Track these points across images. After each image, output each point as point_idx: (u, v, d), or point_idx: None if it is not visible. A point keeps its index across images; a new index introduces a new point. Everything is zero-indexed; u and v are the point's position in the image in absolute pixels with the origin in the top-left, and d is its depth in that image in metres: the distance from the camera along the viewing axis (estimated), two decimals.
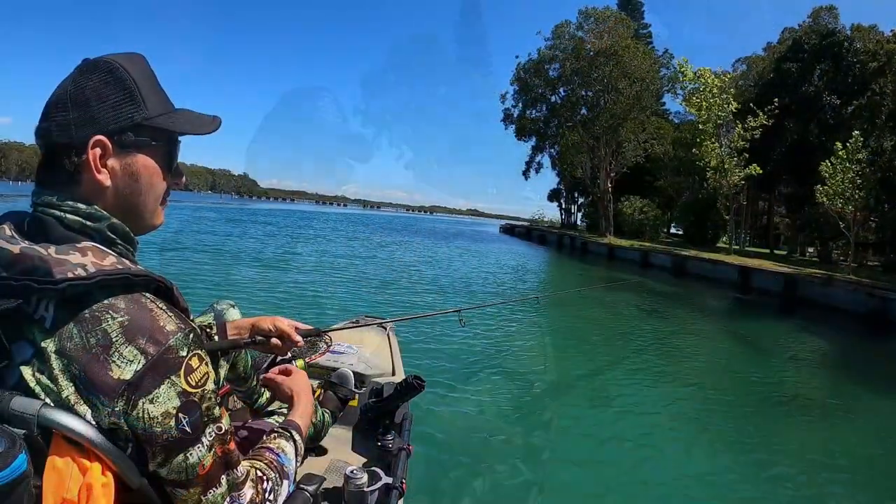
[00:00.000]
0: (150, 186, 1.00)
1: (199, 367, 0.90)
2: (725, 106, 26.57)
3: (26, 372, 0.83)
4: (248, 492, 1.01)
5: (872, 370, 9.48)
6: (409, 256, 21.94)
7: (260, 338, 1.49)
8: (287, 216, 56.77)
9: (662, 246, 31.62)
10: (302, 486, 1.42)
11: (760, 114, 25.95)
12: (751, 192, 34.93)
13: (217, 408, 0.95)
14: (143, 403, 0.83)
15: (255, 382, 1.83)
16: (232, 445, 0.96)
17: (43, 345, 0.83)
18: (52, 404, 0.81)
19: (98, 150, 0.92)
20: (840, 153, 20.71)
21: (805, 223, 30.30)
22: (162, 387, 0.85)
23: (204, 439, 0.90)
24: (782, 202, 41.19)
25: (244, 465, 1.02)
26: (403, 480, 1.87)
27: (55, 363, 0.82)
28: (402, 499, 1.81)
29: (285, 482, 1.15)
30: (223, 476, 0.95)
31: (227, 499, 0.96)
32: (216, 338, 1.47)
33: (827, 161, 21.29)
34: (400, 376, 2.69)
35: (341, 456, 2.12)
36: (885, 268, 25.27)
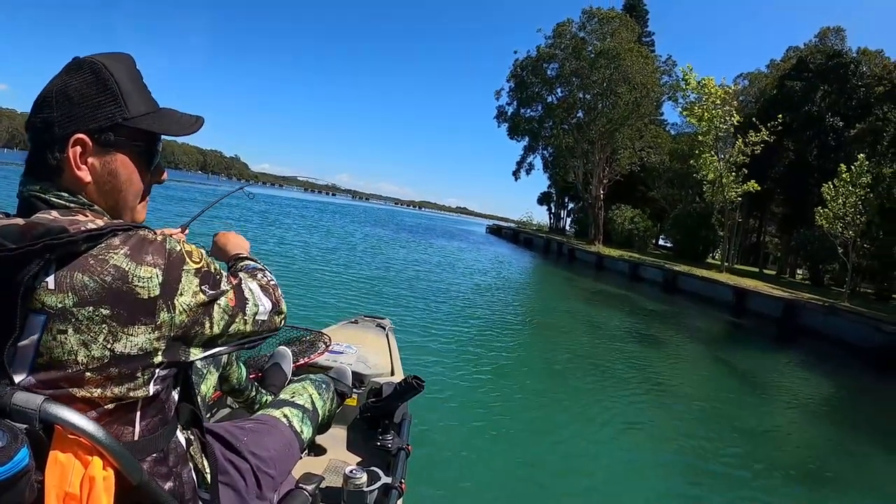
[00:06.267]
0: (128, 184, 1.05)
1: (190, 248, 1.00)
2: (727, 118, 25.59)
3: (46, 340, 0.84)
4: (253, 286, 1.14)
5: (883, 423, 8.38)
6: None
7: None
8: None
9: (652, 258, 30.73)
10: (301, 485, 1.52)
11: (763, 129, 25.03)
12: (743, 209, 34.24)
13: (213, 260, 1.07)
14: (178, 300, 0.93)
15: (253, 393, 2.12)
16: (231, 278, 1.10)
17: (58, 305, 0.84)
18: (81, 365, 0.85)
19: (78, 148, 0.97)
20: (843, 176, 19.85)
21: (799, 245, 29.54)
22: (182, 279, 0.95)
23: (224, 286, 1.04)
24: (773, 221, 40.64)
25: (238, 278, 1.13)
26: (403, 480, 1.87)
27: (80, 314, 0.85)
28: (401, 498, 1.80)
29: (266, 271, 1.29)
30: (244, 293, 1.09)
31: (257, 303, 1.11)
32: None
33: (829, 183, 20.42)
34: (399, 376, 2.68)
35: (340, 455, 2.18)
36: (877, 296, 24.74)
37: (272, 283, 1.22)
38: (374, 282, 12.62)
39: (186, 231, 1.66)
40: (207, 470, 1.20)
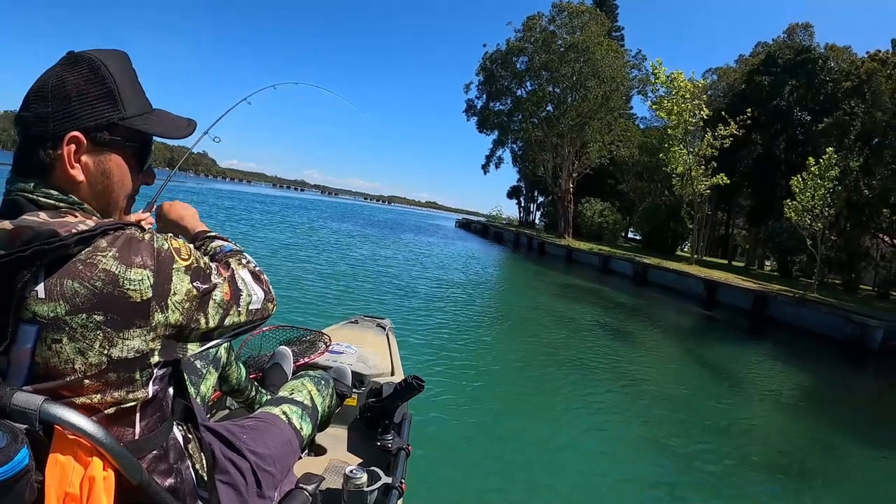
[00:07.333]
0: (120, 185, 1.03)
1: (178, 244, 0.98)
2: (696, 112, 25.54)
3: (41, 350, 0.83)
4: (245, 275, 1.12)
5: (858, 416, 8.15)
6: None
7: None
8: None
9: (622, 251, 30.62)
10: (301, 485, 1.50)
11: (732, 123, 25.04)
12: (712, 202, 34.46)
13: (204, 255, 1.07)
14: (171, 300, 0.92)
15: (253, 393, 2.14)
16: (222, 270, 1.07)
17: (50, 314, 0.82)
18: (79, 372, 0.84)
19: (73, 146, 0.94)
20: (813, 169, 19.90)
21: (767, 236, 29.75)
22: (174, 279, 0.93)
23: (215, 280, 1.02)
24: (742, 214, 41.05)
25: (230, 269, 1.10)
26: (403, 480, 1.86)
27: (73, 322, 0.83)
28: (401, 499, 1.79)
29: (245, 253, 1.26)
30: (237, 284, 1.07)
31: (251, 293, 1.10)
32: None
33: (798, 176, 20.46)
34: (399, 376, 2.69)
35: (340, 456, 2.16)
36: (845, 287, 24.98)
37: (258, 268, 1.19)
38: (345, 280, 12.07)
39: (153, 208, 1.58)
40: (205, 468, 1.16)
